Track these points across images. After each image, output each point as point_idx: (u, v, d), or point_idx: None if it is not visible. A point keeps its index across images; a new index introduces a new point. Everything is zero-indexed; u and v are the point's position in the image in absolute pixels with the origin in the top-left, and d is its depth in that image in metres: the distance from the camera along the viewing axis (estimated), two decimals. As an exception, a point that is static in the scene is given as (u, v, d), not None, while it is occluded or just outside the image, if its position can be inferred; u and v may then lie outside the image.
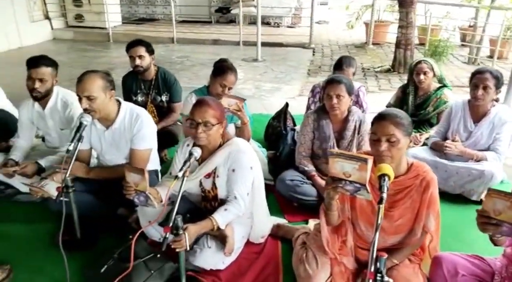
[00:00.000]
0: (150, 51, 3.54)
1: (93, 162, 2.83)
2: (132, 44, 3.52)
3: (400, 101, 3.85)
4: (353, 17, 9.45)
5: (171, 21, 9.49)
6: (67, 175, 2.22)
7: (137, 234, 1.89)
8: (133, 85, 3.65)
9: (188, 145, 2.37)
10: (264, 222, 2.51)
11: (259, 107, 5.12)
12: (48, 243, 2.55)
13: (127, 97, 3.57)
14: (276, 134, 3.85)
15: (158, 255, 2.12)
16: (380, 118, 1.87)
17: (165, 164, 3.43)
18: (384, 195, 1.59)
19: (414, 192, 1.94)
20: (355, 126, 2.82)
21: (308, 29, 8.96)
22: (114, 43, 9.47)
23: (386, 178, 1.66)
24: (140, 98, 3.65)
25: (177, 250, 1.91)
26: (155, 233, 2.40)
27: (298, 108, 4.53)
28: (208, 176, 2.30)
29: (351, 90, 2.74)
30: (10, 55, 8.18)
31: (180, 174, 1.93)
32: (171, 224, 1.84)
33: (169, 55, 8.21)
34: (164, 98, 3.66)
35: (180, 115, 3.56)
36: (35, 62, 2.82)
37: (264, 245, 2.50)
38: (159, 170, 2.94)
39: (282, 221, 2.74)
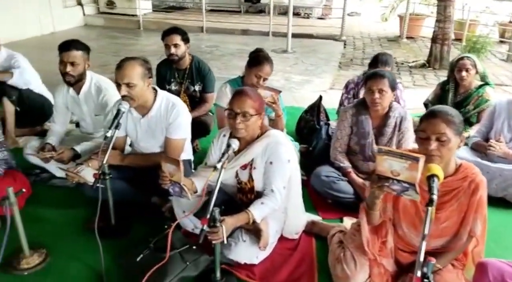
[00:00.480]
0: (185, 40, 3.49)
1: (127, 148, 2.83)
2: (168, 32, 3.47)
3: (439, 98, 3.71)
4: (387, 9, 9.20)
5: (201, 10, 9.45)
6: (104, 162, 2.22)
7: (174, 224, 1.88)
8: (167, 74, 3.62)
9: (224, 136, 2.33)
10: (299, 218, 2.46)
11: (290, 99, 5.03)
12: (82, 228, 2.56)
13: (161, 86, 3.53)
14: (308, 128, 3.77)
15: (194, 247, 2.09)
16: (431, 116, 1.78)
17: (197, 154, 3.40)
18: (435, 197, 1.51)
19: (462, 194, 1.85)
20: (395, 123, 2.71)
21: (339, 21, 8.79)
22: (144, 31, 9.51)
23: (436, 179, 1.57)
24: (173, 87, 3.61)
25: (214, 242, 1.88)
26: (189, 223, 2.38)
27: (330, 102, 4.44)
28: (244, 167, 2.26)
29: (394, 85, 2.63)
30: (43, 40, 8.31)
31: (219, 166, 1.90)
32: (208, 216, 1.81)
33: (199, 44, 8.18)
34: (197, 88, 3.61)
35: (213, 105, 3.52)
36: (66, 46, 2.84)
37: (298, 242, 2.45)
38: (192, 160, 2.91)
39: (315, 217, 2.67)
